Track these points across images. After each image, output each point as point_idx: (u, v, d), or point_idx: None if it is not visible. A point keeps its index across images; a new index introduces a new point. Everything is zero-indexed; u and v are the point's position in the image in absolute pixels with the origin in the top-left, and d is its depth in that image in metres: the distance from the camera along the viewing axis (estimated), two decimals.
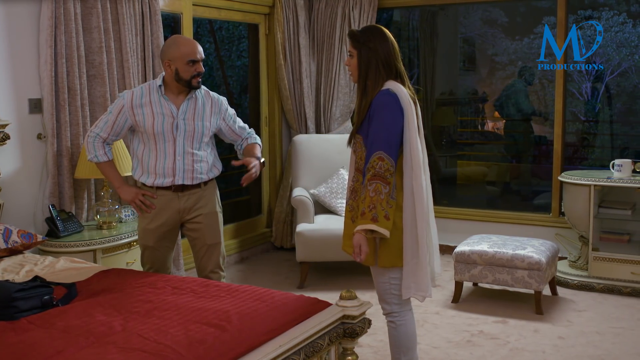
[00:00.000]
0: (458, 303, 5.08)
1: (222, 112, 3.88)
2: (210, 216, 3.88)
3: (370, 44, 3.15)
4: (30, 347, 2.46)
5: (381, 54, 3.15)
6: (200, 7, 5.80)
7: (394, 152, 3.06)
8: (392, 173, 3.04)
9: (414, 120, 3.13)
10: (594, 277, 5.34)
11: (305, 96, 6.47)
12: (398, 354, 3.30)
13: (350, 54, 3.22)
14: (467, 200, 8.37)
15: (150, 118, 3.70)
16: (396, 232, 3.11)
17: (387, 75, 3.16)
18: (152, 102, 3.73)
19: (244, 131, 4.00)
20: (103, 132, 3.77)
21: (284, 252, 6.66)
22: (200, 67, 3.72)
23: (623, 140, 8.63)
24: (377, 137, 3.05)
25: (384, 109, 3.07)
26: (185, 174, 3.76)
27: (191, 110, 3.76)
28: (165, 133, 3.71)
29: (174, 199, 3.80)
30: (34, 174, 4.44)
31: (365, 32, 3.19)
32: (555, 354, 4.16)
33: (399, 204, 3.11)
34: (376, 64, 3.15)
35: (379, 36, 3.17)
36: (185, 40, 3.76)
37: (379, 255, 3.16)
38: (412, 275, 3.15)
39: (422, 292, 3.17)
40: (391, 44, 3.18)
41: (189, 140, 3.75)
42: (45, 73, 4.34)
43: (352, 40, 3.20)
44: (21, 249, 3.91)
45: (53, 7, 4.30)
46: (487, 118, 8.88)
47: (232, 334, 2.55)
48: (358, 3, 6.35)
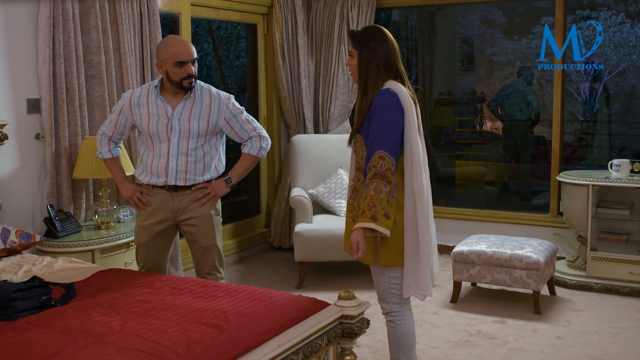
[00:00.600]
0: (456, 303, 5.08)
1: (222, 111, 3.80)
2: (204, 218, 3.84)
3: (370, 44, 3.15)
4: (29, 347, 2.46)
5: (382, 53, 3.15)
6: (199, 7, 5.80)
7: (395, 151, 3.06)
8: (393, 172, 3.04)
9: (414, 120, 3.14)
10: (592, 277, 5.34)
11: (303, 96, 6.47)
12: (397, 354, 3.31)
13: (351, 54, 3.22)
14: (465, 200, 8.37)
15: (146, 118, 3.72)
16: (397, 231, 3.12)
17: (388, 75, 3.16)
18: (149, 103, 3.74)
19: (244, 133, 3.88)
20: (108, 130, 3.87)
21: (282, 252, 6.65)
22: (190, 69, 3.66)
23: (621, 140, 8.64)
24: (378, 136, 3.06)
25: (385, 109, 3.08)
26: (178, 174, 3.75)
27: (187, 110, 3.73)
28: (160, 133, 3.71)
29: (169, 199, 3.80)
30: (32, 174, 4.43)
31: (366, 32, 3.20)
32: (553, 353, 4.16)
33: (399, 203, 3.12)
34: (377, 64, 3.15)
35: (380, 36, 3.18)
36: (175, 41, 3.71)
37: (380, 254, 3.16)
38: (413, 274, 3.15)
39: (423, 291, 3.18)
40: (391, 44, 3.19)
41: (184, 141, 3.73)
42: (43, 73, 4.34)
43: (353, 40, 3.20)
44: (19, 249, 3.90)
45: (51, 7, 4.29)
46: (486, 118, 8.89)
47: (231, 334, 2.55)
48: (356, 3, 6.35)
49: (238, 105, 3.88)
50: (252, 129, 3.89)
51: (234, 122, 3.84)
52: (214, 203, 3.86)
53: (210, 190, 3.82)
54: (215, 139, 3.87)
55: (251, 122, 3.90)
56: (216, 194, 3.85)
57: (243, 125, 3.87)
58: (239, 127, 3.86)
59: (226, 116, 3.82)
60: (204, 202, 3.82)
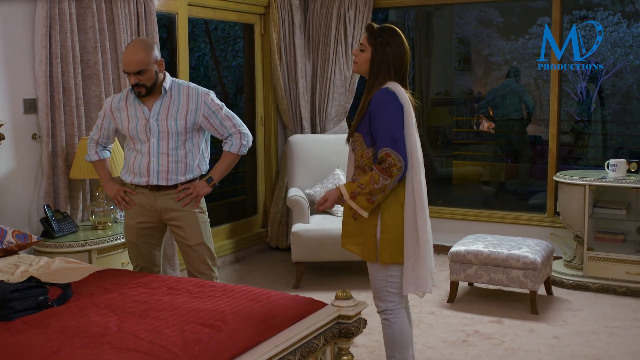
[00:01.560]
0: (453, 303, 5.09)
1: (200, 107, 3.77)
2: (188, 217, 3.85)
3: (387, 46, 3.16)
4: (26, 348, 2.45)
5: (396, 56, 3.17)
6: (196, 7, 5.80)
7: (401, 147, 3.07)
8: (400, 167, 3.05)
9: (413, 119, 3.16)
10: (589, 277, 5.35)
11: (300, 96, 6.46)
12: (392, 352, 3.31)
13: (362, 48, 3.21)
14: (462, 200, 8.38)
15: (126, 121, 3.79)
16: (397, 229, 3.14)
17: (395, 77, 3.19)
18: (128, 106, 3.81)
19: (224, 130, 3.84)
20: (95, 134, 4.01)
21: (279, 252, 6.65)
22: (133, 79, 3.65)
23: (617, 140, 8.66)
24: (382, 134, 3.08)
25: (385, 107, 3.09)
26: (159, 174, 3.77)
27: (164, 110, 3.74)
28: (139, 135, 3.76)
29: (152, 198, 3.83)
30: (28, 174, 4.43)
31: (385, 32, 3.19)
32: (550, 353, 4.17)
33: (400, 201, 3.14)
34: (387, 65, 3.17)
35: (398, 39, 3.20)
36: (126, 50, 3.70)
37: (380, 252, 3.17)
38: (413, 271, 3.17)
39: (422, 287, 3.20)
40: (406, 49, 3.22)
41: (164, 141, 3.75)
42: (40, 73, 4.33)
43: (370, 35, 3.19)
44: (16, 249, 3.90)
45: (48, 7, 4.29)
46: (482, 118, 8.90)
47: (228, 334, 2.55)
48: (353, 3, 6.35)
49: (218, 102, 3.84)
50: (232, 126, 3.85)
51: (213, 118, 3.80)
52: (196, 203, 3.88)
53: (192, 190, 3.84)
54: (198, 137, 3.84)
55: (231, 119, 3.85)
56: (198, 194, 3.86)
57: (223, 121, 3.82)
58: (218, 124, 3.82)
59: (204, 112, 3.78)
60: (187, 203, 3.84)
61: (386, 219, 3.15)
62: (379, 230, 3.16)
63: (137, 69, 3.61)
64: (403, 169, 3.06)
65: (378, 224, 3.16)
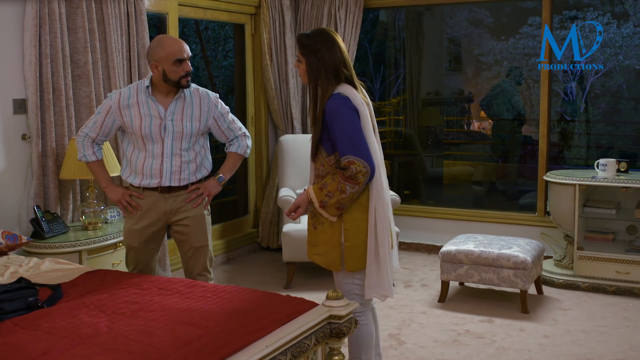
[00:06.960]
0: (444, 302, 5.10)
1: (212, 110, 3.81)
2: (197, 219, 3.84)
3: (317, 53, 3.12)
4: (15, 349, 2.44)
5: (329, 62, 3.12)
6: (186, 7, 5.79)
7: (364, 152, 3.04)
8: (365, 173, 3.02)
9: (368, 121, 3.13)
10: (579, 276, 5.37)
11: (291, 96, 6.46)
12: (359, 353, 3.31)
13: (299, 59, 3.21)
14: (453, 200, 8.40)
15: (138, 119, 3.68)
16: (361, 235, 3.13)
17: (337, 82, 3.14)
18: (140, 103, 3.70)
19: (231, 133, 3.90)
20: (92, 132, 3.77)
21: (270, 253, 6.65)
22: (188, 66, 3.67)
23: (607, 139, 8.71)
24: (341, 142, 3.05)
25: (339, 114, 3.06)
26: (172, 175, 3.74)
27: (179, 110, 3.72)
28: (153, 134, 3.68)
29: (161, 200, 3.77)
30: (18, 174, 4.41)
31: (313, 39, 3.15)
32: (540, 352, 4.18)
33: (363, 206, 3.13)
34: (325, 72, 3.12)
35: (327, 43, 3.13)
36: (171, 40, 3.71)
37: (346, 261, 3.16)
38: (375, 276, 3.16)
39: (384, 291, 3.18)
40: (339, 50, 3.14)
41: (178, 142, 3.71)
42: (29, 73, 4.31)
43: (300, 46, 3.18)
44: (6, 250, 3.88)
45: (37, 7, 4.27)
46: (473, 118, 8.93)
47: (219, 335, 2.54)
48: (344, 3, 6.36)
49: (224, 105, 3.91)
50: (238, 129, 3.93)
51: (222, 121, 3.85)
52: (207, 203, 3.87)
53: (203, 190, 3.83)
54: (203, 139, 3.87)
55: (236, 122, 3.94)
56: (209, 193, 3.85)
57: (230, 125, 3.89)
58: (226, 127, 3.88)
59: (215, 115, 3.82)
60: (199, 203, 3.82)
61: (349, 226, 3.13)
62: (343, 237, 3.14)
63: (190, 53, 3.67)
64: (369, 174, 3.04)
65: (342, 231, 3.14)
